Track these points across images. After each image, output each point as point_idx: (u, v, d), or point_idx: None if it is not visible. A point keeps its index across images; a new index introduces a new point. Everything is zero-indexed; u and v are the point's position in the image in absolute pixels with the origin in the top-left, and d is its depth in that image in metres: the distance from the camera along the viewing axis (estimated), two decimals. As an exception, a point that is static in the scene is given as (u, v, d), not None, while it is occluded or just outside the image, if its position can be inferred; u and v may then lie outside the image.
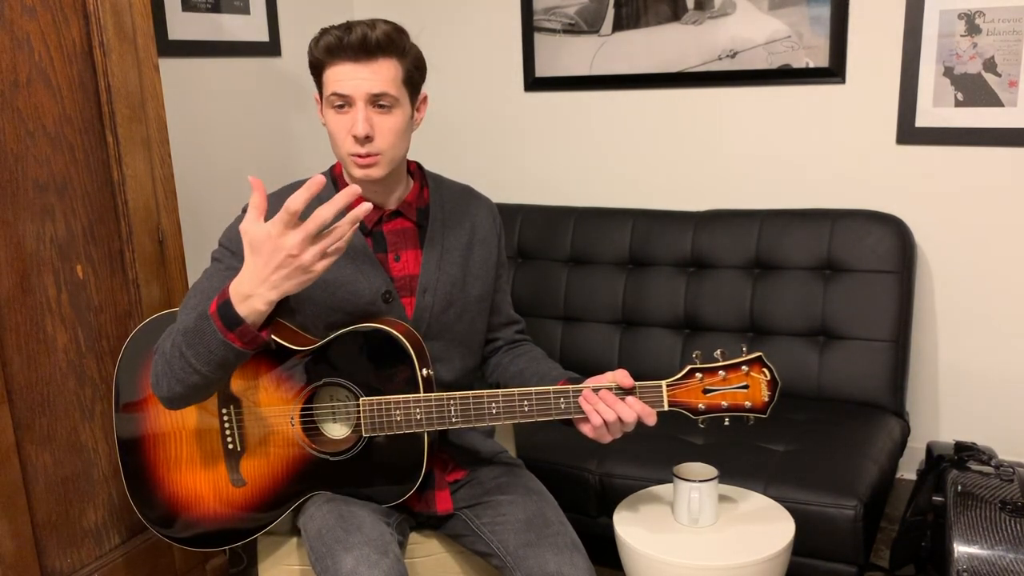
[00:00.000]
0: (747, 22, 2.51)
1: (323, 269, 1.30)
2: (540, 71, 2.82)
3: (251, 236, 1.28)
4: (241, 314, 1.31)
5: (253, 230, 1.28)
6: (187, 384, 1.39)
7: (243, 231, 1.28)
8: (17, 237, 1.62)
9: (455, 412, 1.46)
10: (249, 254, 1.29)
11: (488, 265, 1.65)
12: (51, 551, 1.73)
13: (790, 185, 2.57)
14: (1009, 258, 2.36)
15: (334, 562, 1.39)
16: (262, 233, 1.27)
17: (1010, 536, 1.61)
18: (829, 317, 2.35)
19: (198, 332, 1.34)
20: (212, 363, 1.35)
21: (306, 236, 1.26)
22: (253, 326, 1.32)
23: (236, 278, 1.32)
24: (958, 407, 2.50)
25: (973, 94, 2.31)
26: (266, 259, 1.27)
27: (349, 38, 1.41)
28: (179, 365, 1.37)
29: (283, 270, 1.28)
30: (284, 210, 1.25)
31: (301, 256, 1.27)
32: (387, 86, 1.43)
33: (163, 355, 1.41)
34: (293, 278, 1.29)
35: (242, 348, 1.33)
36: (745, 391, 1.46)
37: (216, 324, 1.32)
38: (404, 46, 1.45)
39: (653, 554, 1.60)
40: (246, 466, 1.55)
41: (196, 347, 1.34)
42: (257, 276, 1.29)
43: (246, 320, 1.31)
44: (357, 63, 1.42)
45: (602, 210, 2.68)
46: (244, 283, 1.30)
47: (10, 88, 1.58)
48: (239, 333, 1.32)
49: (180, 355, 1.36)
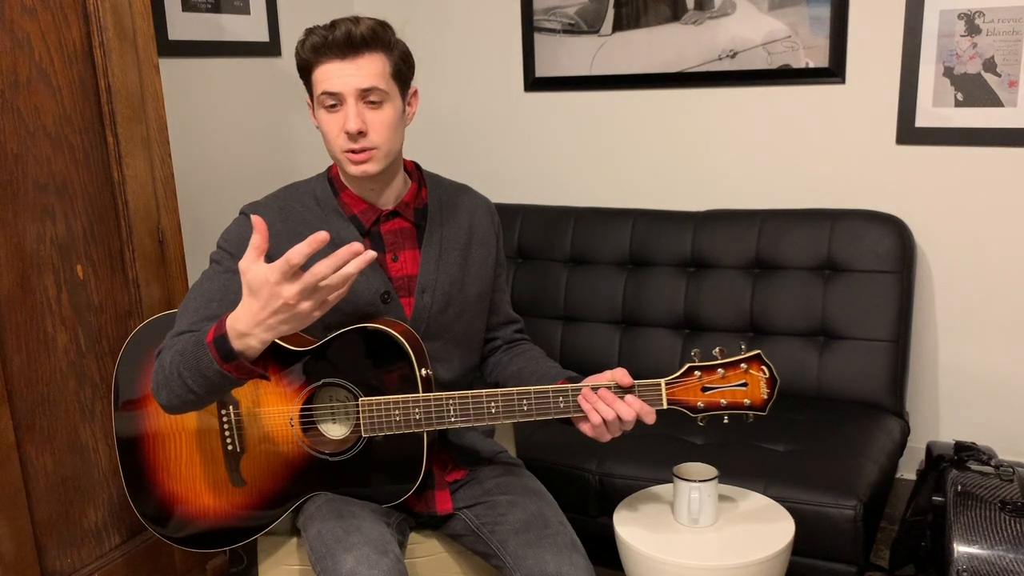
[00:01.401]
0: (747, 22, 2.51)
1: (321, 314, 1.29)
2: (540, 71, 2.82)
3: (249, 278, 1.26)
4: (236, 349, 1.31)
5: (252, 272, 1.26)
6: (184, 400, 1.40)
7: (242, 271, 1.27)
8: (17, 237, 1.62)
9: (454, 412, 1.46)
10: (247, 294, 1.28)
11: (487, 264, 1.65)
12: (51, 551, 1.73)
13: (790, 185, 2.57)
14: (1009, 258, 2.36)
15: (334, 562, 1.39)
16: (260, 278, 1.25)
17: (1010, 536, 1.61)
18: (829, 317, 2.35)
19: (195, 357, 1.34)
20: (208, 387, 1.36)
21: (303, 288, 1.24)
22: (248, 360, 1.33)
23: (233, 314, 1.31)
24: (958, 407, 2.50)
25: (973, 94, 2.30)
26: (263, 303, 1.26)
27: (334, 35, 1.41)
28: (176, 383, 1.38)
29: (280, 315, 1.27)
30: (285, 261, 1.22)
31: (298, 306, 1.26)
32: (376, 80, 1.43)
33: (162, 369, 1.41)
34: (288, 323, 1.28)
35: (237, 377, 1.34)
36: (744, 389, 1.46)
37: (212, 354, 1.32)
38: (389, 40, 1.46)
39: (653, 554, 1.60)
40: (246, 466, 1.55)
41: (193, 371, 1.35)
42: (254, 318, 1.28)
43: (241, 355, 1.32)
44: (344, 60, 1.42)
45: (602, 210, 2.68)
46: (240, 321, 1.30)
47: (10, 88, 1.58)
48: (234, 366, 1.32)
49: (178, 375, 1.37)
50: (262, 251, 1.26)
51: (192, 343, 1.36)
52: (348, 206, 1.56)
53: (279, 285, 1.24)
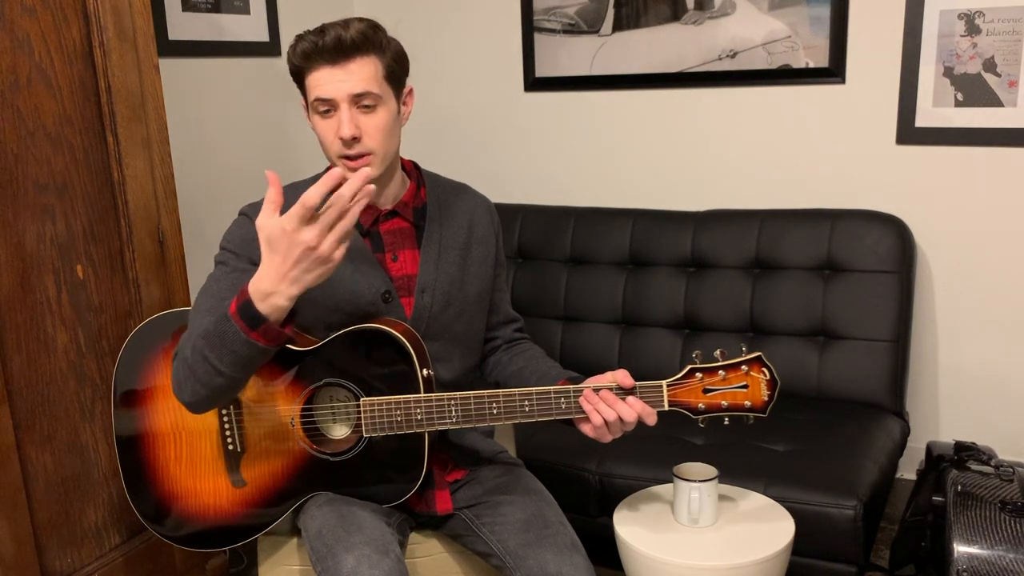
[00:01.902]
0: (747, 22, 2.51)
1: (341, 256, 1.28)
2: (540, 71, 2.82)
3: (267, 232, 1.26)
4: (263, 312, 1.29)
5: (269, 225, 1.26)
6: (212, 387, 1.38)
7: (259, 226, 1.26)
8: (17, 237, 1.62)
9: (455, 412, 1.46)
10: (267, 251, 1.27)
11: (486, 264, 1.65)
12: (51, 551, 1.73)
13: (790, 185, 2.57)
14: (1009, 258, 2.36)
15: (335, 562, 1.39)
16: (277, 229, 1.25)
17: (1010, 536, 1.61)
18: (829, 317, 2.35)
19: (220, 335, 1.32)
20: (236, 364, 1.34)
21: (324, 227, 1.24)
22: (276, 323, 1.31)
23: (254, 276, 1.30)
24: (958, 407, 2.50)
25: (973, 94, 2.31)
26: (283, 255, 1.26)
27: (323, 41, 1.40)
28: (202, 369, 1.36)
29: (303, 263, 1.26)
30: (300, 205, 1.22)
31: (320, 247, 1.25)
32: (368, 84, 1.42)
33: (184, 361, 1.39)
34: (313, 270, 1.28)
35: (266, 345, 1.32)
36: (745, 391, 1.46)
37: (238, 324, 1.30)
38: (381, 42, 1.44)
39: (653, 554, 1.60)
40: (246, 466, 1.55)
41: (219, 349, 1.33)
42: (277, 273, 1.27)
43: (268, 318, 1.30)
44: (335, 66, 1.41)
45: (602, 210, 2.68)
46: (264, 281, 1.29)
47: (10, 88, 1.58)
48: (262, 331, 1.30)
49: (203, 358, 1.35)
50: (278, 205, 1.26)
51: (214, 321, 1.34)
52: None
53: (297, 232, 1.23)
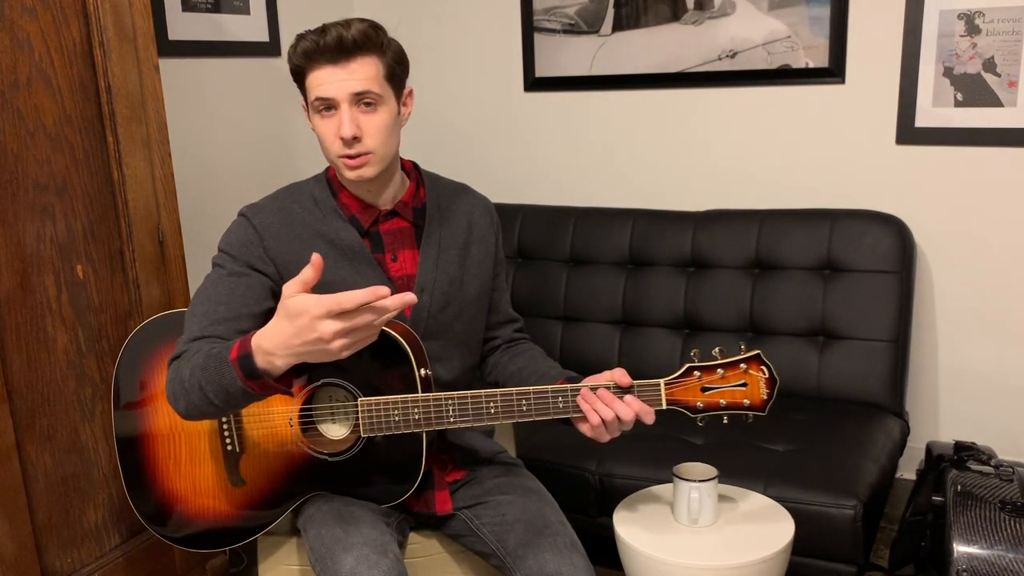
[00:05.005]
0: (747, 22, 2.51)
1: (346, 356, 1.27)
2: (540, 71, 2.82)
3: (289, 304, 1.24)
4: (261, 367, 1.30)
5: (295, 300, 1.24)
6: (204, 411, 1.40)
7: (285, 294, 1.25)
8: (17, 237, 1.62)
9: (453, 412, 1.46)
10: (282, 316, 1.26)
11: (486, 264, 1.65)
12: (51, 551, 1.73)
13: (790, 185, 2.57)
14: (1009, 258, 2.36)
15: (334, 562, 1.39)
16: (301, 307, 1.23)
17: (1010, 536, 1.61)
18: (829, 317, 2.35)
19: (218, 373, 1.33)
20: (230, 402, 1.36)
21: (346, 328, 1.22)
22: (271, 377, 1.32)
23: (260, 332, 1.30)
24: (958, 407, 2.49)
25: (973, 94, 2.30)
26: (296, 331, 1.24)
27: (325, 40, 1.40)
28: (197, 396, 1.37)
29: (309, 346, 1.25)
30: (336, 303, 1.20)
31: (332, 344, 1.24)
32: (369, 84, 1.42)
33: (180, 380, 1.40)
34: (315, 356, 1.27)
35: (261, 393, 1.34)
36: (743, 389, 1.46)
37: (236, 372, 1.32)
38: (382, 42, 1.44)
39: (653, 554, 1.60)
40: (245, 466, 1.55)
41: (215, 386, 1.34)
42: (283, 342, 1.27)
43: (264, 374, 1.31)
44: (336, 65, 1.41)
45: (602, 210, 2.68)
46: (268, 341, 1.28)
47: (10, 88, 1.58)
48: (259, 384, 1.32)
49: (199, 388, 1.36)
50: (309, 285, 1.25)
51: (214, 359, 1.34)
52: (347, 207, 1.56)
53: (320, 320, 1.22)
